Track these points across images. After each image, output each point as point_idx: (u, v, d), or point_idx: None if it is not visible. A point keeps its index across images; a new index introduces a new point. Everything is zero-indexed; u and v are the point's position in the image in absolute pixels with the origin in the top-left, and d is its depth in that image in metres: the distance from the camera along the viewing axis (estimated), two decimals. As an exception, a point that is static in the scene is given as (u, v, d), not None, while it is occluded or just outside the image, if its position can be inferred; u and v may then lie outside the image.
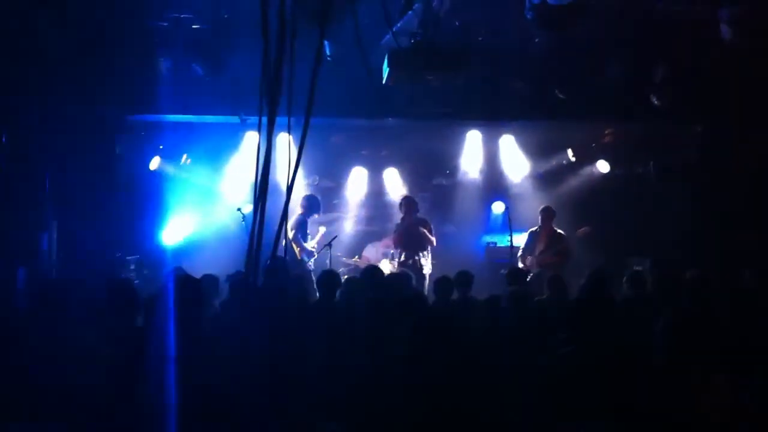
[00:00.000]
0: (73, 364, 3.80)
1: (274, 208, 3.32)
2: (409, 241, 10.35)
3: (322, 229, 10.67)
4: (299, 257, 10.03)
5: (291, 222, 10.20)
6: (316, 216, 10.53)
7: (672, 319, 3.65)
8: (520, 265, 10.01)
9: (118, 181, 10.16)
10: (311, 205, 10.38)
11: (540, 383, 3.57)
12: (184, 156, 11.28)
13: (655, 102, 9.18)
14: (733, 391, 3.31)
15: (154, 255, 10.84)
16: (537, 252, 10.15)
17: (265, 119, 3.06)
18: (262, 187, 3.03)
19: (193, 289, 4.31)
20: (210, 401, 3.35)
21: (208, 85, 8.93)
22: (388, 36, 7.25)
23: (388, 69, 7.10)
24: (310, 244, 10.25)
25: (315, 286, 6.66)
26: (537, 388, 3.54)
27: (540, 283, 7.41)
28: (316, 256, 10.23)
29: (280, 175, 5.22)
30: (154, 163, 10.86)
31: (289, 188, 3.61)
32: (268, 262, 5.48)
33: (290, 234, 10.12)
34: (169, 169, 11.12)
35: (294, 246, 10.05)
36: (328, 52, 8.21)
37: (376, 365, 4.07)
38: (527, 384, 3.56)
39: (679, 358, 3.55)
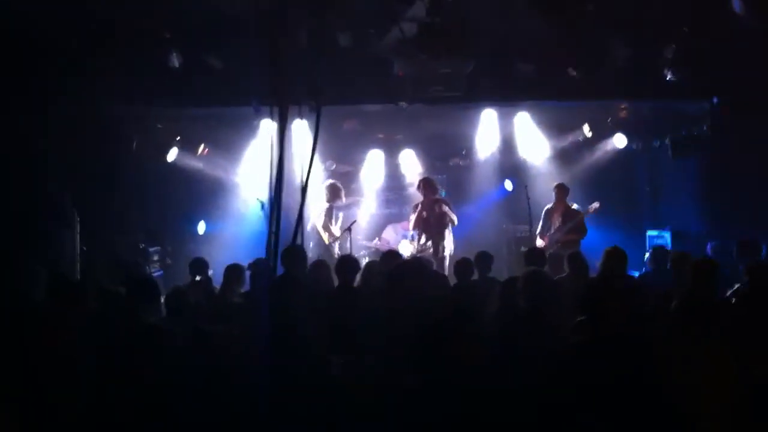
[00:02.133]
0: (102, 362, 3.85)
1: (290, 200, 3.38)
2: (429, 222, 10.37)
3: (340, 215, 10.76)
4: (327, 242, 10.20)
5: (318, 210, 10.33)
6: (340, 202, 10.66)
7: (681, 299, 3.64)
8: (538, 243, 10.02)
9: (137, 174, 10.26)
10: (334, 192, 10.51)
11: (553, 371, 3.56)
12: (202, 146, 11.35)
13: (668, 77, 9.08)
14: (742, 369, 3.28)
15: (176, 245, 10.98)
16: (553, 229, 10.14)
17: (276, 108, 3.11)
18: (278, 176, 3.08)
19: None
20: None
21: (221, 75, 8.96)
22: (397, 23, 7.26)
23: (397, 57, 7.12)
24: (336, 230, 10.38)
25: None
26: (550, 375, 3.53)
27: (559, 261, 7.39)
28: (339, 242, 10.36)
29: (296, 161, 5.26)
30: (172, 154, 10.95)
31: (307, 175, 3.65)
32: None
33: (319, 222, 10.25)
34: (187, 160, 11.20)
35: (322, 232, 10.22)
36: (339, 40, 8.23)
37: (394, 350, 4.10)
38: (541, 371, 3.55)
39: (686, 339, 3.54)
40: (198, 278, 7.51)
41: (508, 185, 11.88)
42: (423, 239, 10.38)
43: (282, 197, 3.27)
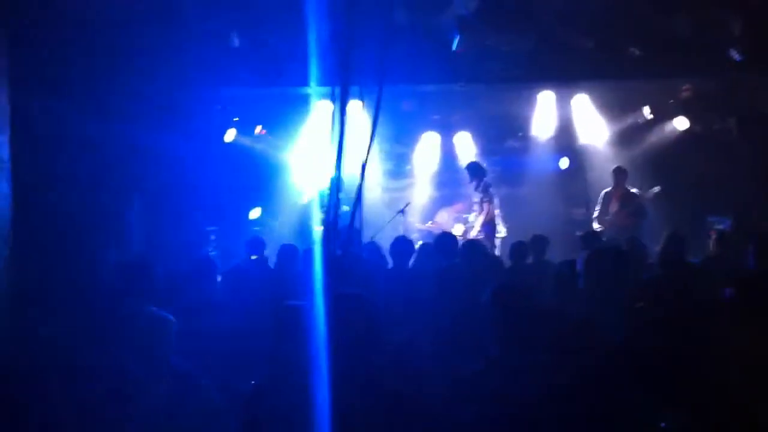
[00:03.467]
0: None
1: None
2: (480, 206, 10.37)
3: None
4: None
5: None
6: None
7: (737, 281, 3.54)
8: (596, 226, 9.90)
9: (196, 153, 10.41)
10: None
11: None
12: (259, 127, 11.45)
13: (733, 55, 8.82)
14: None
15: (234, 226, 11.13)
16: (611, 212, 10.00)
17: (338, 89, 3.12)
18: (338, 156, 3.09)
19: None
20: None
21: (280, 55, 9.00)
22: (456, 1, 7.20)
23: (457, 35, 7.06)
24: None
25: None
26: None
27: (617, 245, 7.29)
28: None
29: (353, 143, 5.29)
30: (230, 135, 11.08)
31: (367, 154, 3.66)
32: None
33: None
34: (245, 141, 11.33)
35: None
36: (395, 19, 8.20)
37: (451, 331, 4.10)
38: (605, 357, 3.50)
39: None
40: (253, 257, 7.61)
41: (564, 163, 11.72)
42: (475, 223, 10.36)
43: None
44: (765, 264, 5.12)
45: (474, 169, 10.61)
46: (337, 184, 3.02)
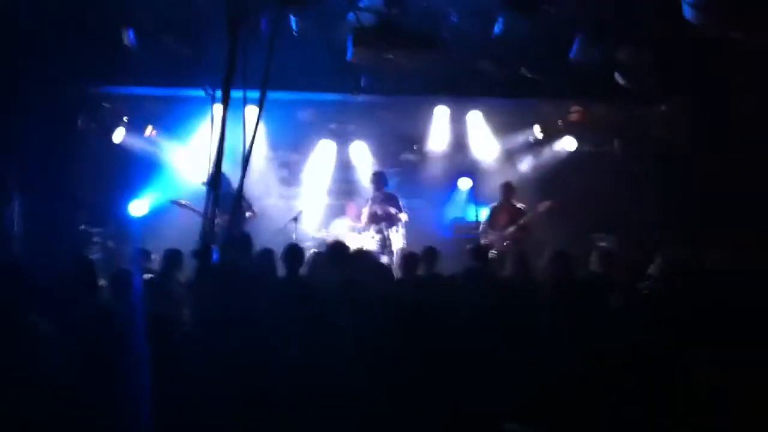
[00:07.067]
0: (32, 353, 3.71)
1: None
2: (378, 216, 10.41)
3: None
4: None
5: None
6: None
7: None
8: (483, 240, 10.08)
9: (81, 153, 10.02)
10: None
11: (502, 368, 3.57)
12: (149, 128, 11.12)
13: (622, 82, 9.21)
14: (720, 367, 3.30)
15: (118, 228, 10.74)
16: (498, 227, 10.21)
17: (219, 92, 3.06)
18: (218, 159, 3.03)
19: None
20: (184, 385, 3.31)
21: (174, 57, 8.80)
22: (353, 12, 7.20)
23: (352, 47, 7.05)
24: None
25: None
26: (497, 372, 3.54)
27: (504, 259, 7.46)
28: None
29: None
30: (118, 135, 10.72)
31: (245, 159, 3.58)
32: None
33: None
34: (134, 142, 10.98)
35: None
36: (294, 28, 8.14)
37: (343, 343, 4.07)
38: (487, 366, 3.56)
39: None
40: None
41: (464, 184, 11.88)
42: (372, 233, 10.39)
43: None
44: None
45: (380, 177, 10.65)
46: (216, 186, 2.96)
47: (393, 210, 10.45)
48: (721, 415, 3.25)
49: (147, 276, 6.76)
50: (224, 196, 8.57)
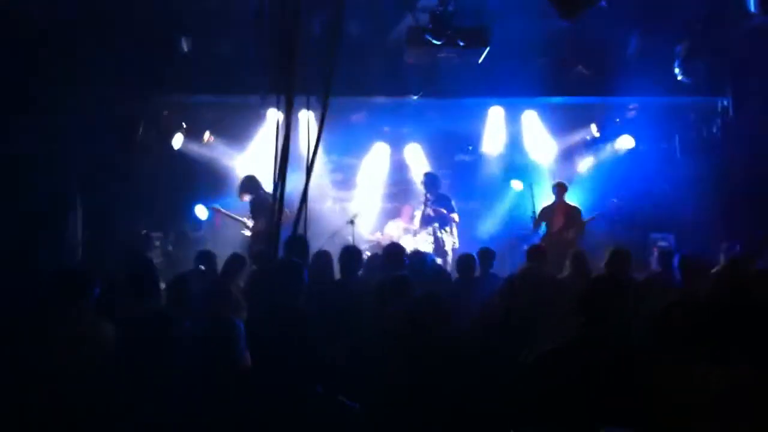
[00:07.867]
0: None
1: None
2: (431, 218, 10.42)
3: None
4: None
5: None
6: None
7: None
8: (538, 241, 9.99)
9: (142, 160, 10.24)
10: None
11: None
12: (207, 133, 11.32)
13: (680, 77, 9.03)
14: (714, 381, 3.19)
15: (178, 233, 10.96)
16: (555, 228, 10.09)
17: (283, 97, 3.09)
18: (282, 165, 3.06)
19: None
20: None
21: (230, 62, 8.94)
22: (408, 14, 7.21)
23: (407, 47, 7.06)
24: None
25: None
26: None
27: (562, 260, 7.36)
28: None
29: (302, 151, 5.23)
30: (177, 141, 10.92)
31: (310, 165, 3.61)
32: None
33: None
34: (193, 148, 11.18)
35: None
36: (348, 31, 8.20)
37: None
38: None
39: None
40: (201, 267, 7.41)
41: (517, 185, 11.77)
42: (426, 234, 10.41)
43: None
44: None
45: (431, 179, 10.66)
46: (281, 191, 2.99)
47: (445, 211, 10.45)
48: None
49: (208, 280, 6.89)
50: (260, 202, 8.77)
